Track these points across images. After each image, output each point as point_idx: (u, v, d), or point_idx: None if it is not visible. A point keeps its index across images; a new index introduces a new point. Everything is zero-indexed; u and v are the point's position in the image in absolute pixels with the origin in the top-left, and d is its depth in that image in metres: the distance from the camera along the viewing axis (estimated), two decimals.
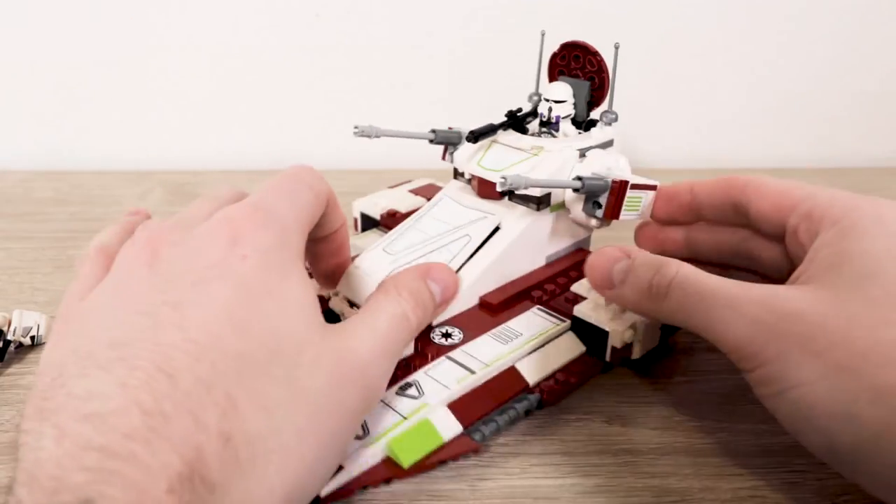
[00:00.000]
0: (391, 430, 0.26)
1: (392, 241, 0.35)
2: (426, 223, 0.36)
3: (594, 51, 0.36)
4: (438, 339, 0.32)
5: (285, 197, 0.27)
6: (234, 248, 0.23)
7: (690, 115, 0.66)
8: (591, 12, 0.60)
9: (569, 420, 0.32)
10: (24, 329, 0.36)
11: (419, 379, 0.29)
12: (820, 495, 0.28)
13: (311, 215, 0.28)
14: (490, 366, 0.30)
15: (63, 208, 0.55)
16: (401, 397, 0.28)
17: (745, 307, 0.25)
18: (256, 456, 0.20)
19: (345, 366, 0.24)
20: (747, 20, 0.62)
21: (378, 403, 0.27)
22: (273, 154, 0.66)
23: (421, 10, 0.60)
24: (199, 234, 0.24)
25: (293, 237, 0.26)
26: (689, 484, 0.28)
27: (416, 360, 0.30)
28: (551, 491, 0.28)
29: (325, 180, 0.29)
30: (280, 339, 0.22)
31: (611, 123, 0.37)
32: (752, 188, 0.31)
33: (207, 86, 0.63)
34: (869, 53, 0.64)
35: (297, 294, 0.24)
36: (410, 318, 0.27)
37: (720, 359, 0.36)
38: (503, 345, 0.31)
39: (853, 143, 0.68)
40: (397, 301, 0.27)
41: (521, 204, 0.35)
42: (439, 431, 0.27)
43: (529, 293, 0.35)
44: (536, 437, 0.30)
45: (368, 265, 0.33)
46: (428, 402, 0.28)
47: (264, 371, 0.21)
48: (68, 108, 0.63)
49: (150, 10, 0.59)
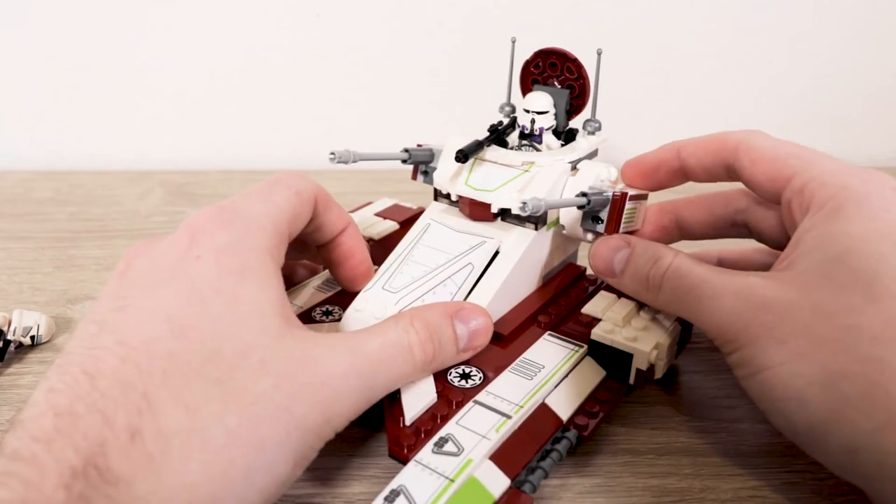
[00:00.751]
0: (441, 497, 0.24)
1: (390, 278, 0.32)
2: (421, 254, 0.33)
3: (573, 57, 0.34)
4: (458, 381, 0.29)
5: (256, 197, 0.27)
6: (190, 249, 0.24)
7: (689, 116, 0.66)
8: (573, 17, 0.60)
9: None
10: (24, 329, 0.36)
11: (453, 432, 0.26)
12: (819, 495, 0.28)
13: (291, 213, 0.27)
14: (523, 406, 0.28)
15: (63, 208, 0.55)
16: (440, 456, 0.25)
17: (725, 298, 0.26)
18: (171, 451, 0.20)
19: (300, 374, 0.23)
20: (747, 21, 0.62)
21: (345, 424, 0.24)
22: (273, 154, 0.66)
23: (421, 11, 0.60)
24: (165, 241, 0.25)
25: (258, 234, 0.26)
26: (689, 484, 0.28)
27: (444, 410, 0.27)
28: (551, 491, 0.28)
29: (311, 181, 0.29)
30: (222, 341, 0.22)
31: (594, 132, 0.35)
32: (743, 151, 0.30)
33: (208, 86, 0.63)
34: (869, 54, 0.64)
35: (252, 295, 0.24)
36: (415, 353, 0.26)
37: (720, 359, 0.36)
38: (528, 381, 0.29)
39: (853, 143, 0.68)
40: (405, 330, 0.26)
41: (517, 224, 0.33)
42: (489, 489, 0.25)
43: (536, 318, 0.33)
44: None
45: (373, 307, 0.31)
46: (470, 457, 0.25)
47: (196, 371, 0.21)
48: (68, 108, 0.63)
49: (150, 11, 0.59)
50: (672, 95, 0.65)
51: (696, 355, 0.36)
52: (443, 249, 0.33)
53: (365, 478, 0.28)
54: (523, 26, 0.58)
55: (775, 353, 0.24)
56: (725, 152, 0.31)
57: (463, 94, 0.63)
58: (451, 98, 0.63)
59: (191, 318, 0.23)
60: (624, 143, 0.64)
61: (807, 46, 0.63)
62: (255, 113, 0.64)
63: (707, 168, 0.32)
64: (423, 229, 0.34)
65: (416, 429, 0.26)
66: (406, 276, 0.32)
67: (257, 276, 0.25)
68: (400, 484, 0.24)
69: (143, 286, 0.24)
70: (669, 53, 0.63)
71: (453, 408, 0.27)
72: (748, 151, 0.30)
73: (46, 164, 0.64)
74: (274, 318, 0.24)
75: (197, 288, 0.23)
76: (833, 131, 0.67)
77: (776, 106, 0.66)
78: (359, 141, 0.66)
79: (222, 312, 0.23)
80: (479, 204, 0.33)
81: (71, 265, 0.46)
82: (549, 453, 0.27)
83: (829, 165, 0.28)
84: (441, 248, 0.33)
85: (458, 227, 0.34)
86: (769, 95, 0.65)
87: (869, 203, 0.26)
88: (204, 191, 0.59)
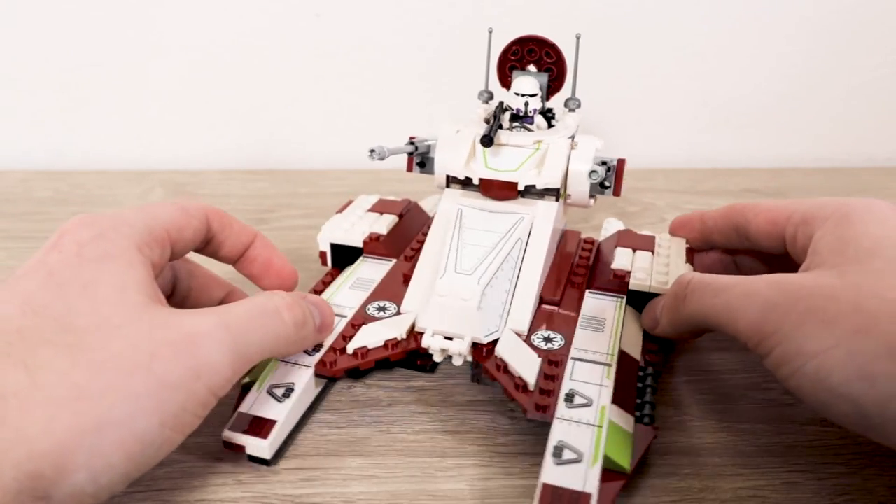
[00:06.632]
0: (599, 443, 0.26)
1: (457, 262, 0.34)
2: (472, 237, 0.35)
3: (551, 43, 0.37)
4: (546, 345, 0.32)
5: (135, 208, 0.29)
6: (54, 248, 0.26)
7: (690, 115, 0.66)
8: (570, 15, 0.60)
9: None
10: None
11: (573, 387, 0.29)
12: (820, 495, 0.28)
13: (169, 221, 0.29)
14: (613, 355, 0.31)
15: (63, 208, 0.55)
16: (575, 409, 0.28)
17: (758, 292, 0.26)
18: (8, 409, 0.21)
19: (161, 334, 0.24)
20: (747, 20, 0.62)
21: (221, 382, 0.25)
22: (273, 154, 0.66)
23: (421, 11, 0.60)
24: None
25: (124, 229, 0.27)
26: (689, 484, 0.28)
27: (551, 371, 0.30)
28: None
29: (201, 203, 0.31)
30: (76, 316, 0.23)
31: (574, 109, 0.39)
32: (748, 209, 0.34)
33: (208, 86, 0.63)
34: (869, 53, 0.64)
35: (113, 277, 0.25)
36: (284, 314, 0.28)
37: (721, 359, 0.36)
38: (601, 333, 0.33)
39: (853, 143, 0.68)
40: (268, 297, 0.28)
41: (537, 199, 0.36)
42: (624, 428, 0.28)
43: (570, 280, 0.37)
44: (536, 436, 0.30)
45: (458, 289, 0.32)
46: (602, 404, 0.28)
47: (46, 340, 0.23)
48: (68, 108, 0.63)
49: (150, 11, 0.59)
50: (684, 88, 0.65)
51: (696, 355, 0.36)
52: (490, 230, 0.35)
53: (365, 478, 0.28)
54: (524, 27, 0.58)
55: (827, 336, 0.24)
56: (735, 214, 0.35)
57: (459, 89, 0.63)
58: (451, 96, 0.63)
59: (45, 299, 0.24)
60: (634, 135, 0.64)
61: (806, 46, 0.63)
62: (256, 113, 0.64)
63: (721, 231, 0.36)
64: (458, 214, 0.36)
65: (539, 390, 0.29)
66: (471, 258, 0.34)
67: (119, 261, 0.26)
68: (558, 440, 0.26)
69: (6, 282, 0.25)
70: (652, 43, 0.63)
71: (558, 367, 0.30)
72: (753, 208, 0.33)
73: (46, 164, 0.64)
74: (134, 294, 0.25)
75: (54, 275, 0.25)
76: (833, 131, 0.67)
77: (776, 106, 0.66)
78: (359, 141, 0.66)
79: (79, 292, 0.24)
80: (506, 184, 0.36)
81: None
82: (645, 389, 0.31)
83: (821, 199, 0.30)
84: (487, 229, 0.35)
85: (489, 207, 0.37)
86: (769, 95, 0.65)
87: (873, 210, 0.28)
88: (204, 191, 0.59)
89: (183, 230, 0.30)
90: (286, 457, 0.29)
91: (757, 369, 0.34)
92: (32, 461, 0.20)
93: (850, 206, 0.28)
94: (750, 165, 0.67)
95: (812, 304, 0.24)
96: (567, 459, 0.25)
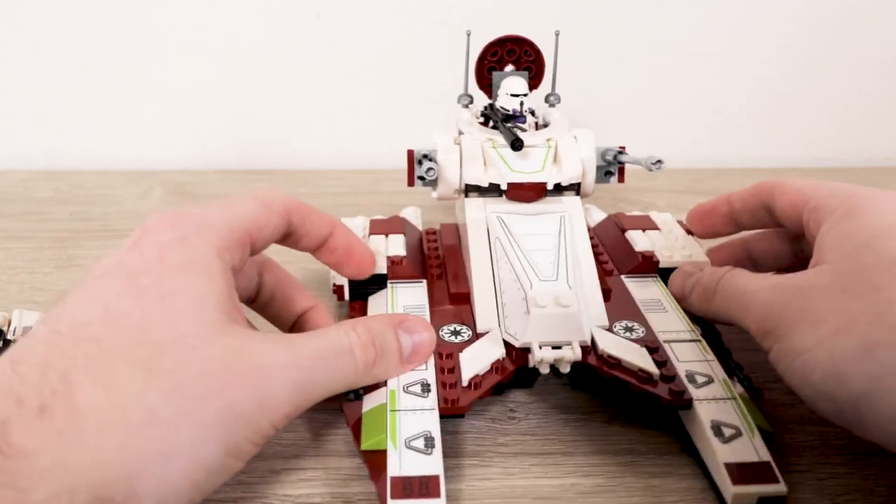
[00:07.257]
0: (745, 415, 0.28)
1: (535, 271, 0.33)
2: (529, 243, 0.34)
3: (529, 41, 0.38)
4: (632, 334, 0.33)
5: (216, 205, 0.28)
6: (135, 247, 0.26)
7: (690, 115, 0.66)
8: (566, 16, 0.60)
9: (569, 420, 0.32)
10: (24, 329, 0.35)
11: (690, 368, 0.30)
12: (820, 495, 0.28)
13: (251, 219, 0.29)
14: (694, 330, 0.33)
15: (63, 208, 0.55)
16: (702, 388, 0.29)
17: (763, 292, 0.28)
18: (84, 427, 0.21)
19: (233, 362, 0.23)
20: (747, 19, 0.62)
21: (282, 417, 0.24)
22: (273, 154, 0.66)
23: (421, 11, 0.60)
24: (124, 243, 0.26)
25: (207, 232, 0.26)
26: (690, 484, 0.28)
27: (658, 357, 0.31)
28: (551, 491, 0.28)
29: (283, 194, 0.31)
30: (153, 329, 0.23)
31: (555, 104, 0.40)
32: (776, 187, 0.34)
33: (208, 86, 0.63)
34: (869, 53, 0.64)
35: (193, 288, 0.25)
36: (356, 354, 0.27)
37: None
38: (667, 313, 0.34)
39: (853, 143, 0.68)
40: (345, 333, 0.27)
41: (557, 195, 0.37)
42: (744, 394, 0.30)
43: (602, 268, 0.38)
44: (536, 436, 0.30)
45: (558, 296, 0.30)
46: (724, 377, 0.30)
47: (121, 355, 0.22)
48: (68, 108, 0.63)
49: (150, 10, 0.59)
50: (684, 88, 0.65)
51: None
52: (540, 233, 0.35)
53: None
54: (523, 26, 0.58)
55: (811, 335, 0.25)
56: (764, 193, 0.34)
57: (459, 89, 0.63)
58: (451, 96, 0.63)
59: (124, 306, 0.23)
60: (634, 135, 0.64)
61: (806, 46, 0.63)
62: (256, 113, 0.64)
63: (751, 210, 0.36)
64: (500, 224, 0.35)
65: (662, 377, 0.29)
66: (545, 263, 0.33)
67: (200, 270, 0.25)
68: (711, 420, 0.27)
69: (86, 281, 0.25)
70: (652, 43, 0.63)
71: (659, 353, 0.31)
72: (780, 187, 0.33)
73: (46, 164, 0.64)
74: (212, 311, 0.25)
75: (134, 279, 0.24)
76: (833, 131, 0.67)
77: (777, 106, 0.66)
78: (359, 141, 0.66)
79: (157, 302, 0.24)
80: (535, 185, 0.36)
81: (71, 265, 0.46)
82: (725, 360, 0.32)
83: (837, 185, 0.31)
84: (538, 232, 0.35)
85: (524, 210, 0.36)
86: (769, 95, 0.65)
87: (878, 202, 0.28)
88: (204, 191, 0.59)
89: (263, 228, 0.29)
90: (286, 457, 0.29)
91: (757, 369, 0.34)
92: (105, 486, 0.20)
93: (855, 199, 0.29)
94: (750, 165, 0.66)
95: (804, 305, 0.26)
96: (729, 436, 0.27)
